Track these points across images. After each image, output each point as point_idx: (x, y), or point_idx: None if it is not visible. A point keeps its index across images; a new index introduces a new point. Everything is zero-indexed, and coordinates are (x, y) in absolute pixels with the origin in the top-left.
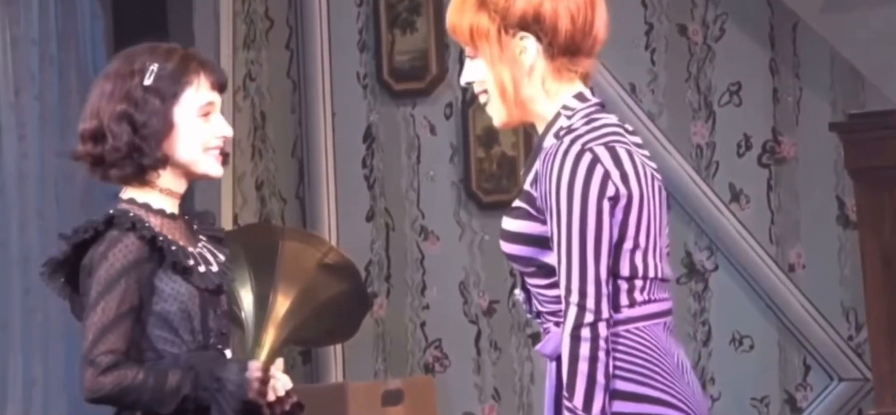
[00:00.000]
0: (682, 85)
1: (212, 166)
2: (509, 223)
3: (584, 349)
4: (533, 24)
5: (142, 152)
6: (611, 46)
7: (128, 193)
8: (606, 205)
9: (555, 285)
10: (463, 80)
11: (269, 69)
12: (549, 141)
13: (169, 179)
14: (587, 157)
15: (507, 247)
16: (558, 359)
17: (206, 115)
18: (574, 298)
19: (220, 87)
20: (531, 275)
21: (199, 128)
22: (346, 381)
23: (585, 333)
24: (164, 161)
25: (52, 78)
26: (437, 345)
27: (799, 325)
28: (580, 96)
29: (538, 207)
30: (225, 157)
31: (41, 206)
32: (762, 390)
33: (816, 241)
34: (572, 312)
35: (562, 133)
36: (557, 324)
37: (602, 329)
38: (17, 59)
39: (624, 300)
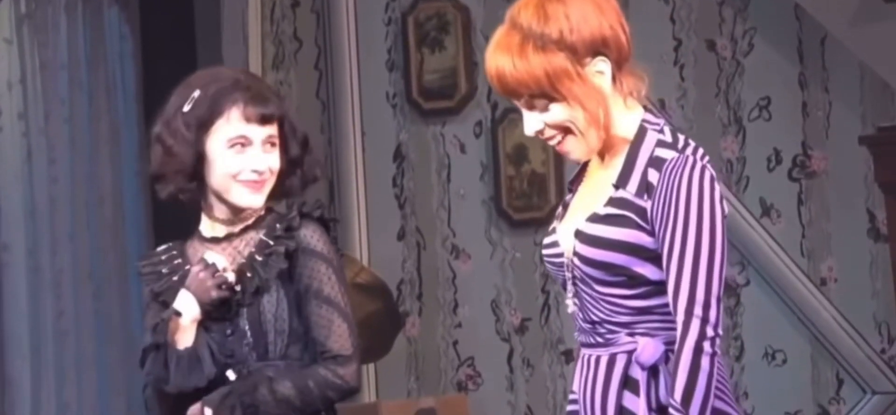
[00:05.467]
0: (712, 100)
1: (241, 196)
2: (604, 230)
3: (706, 363)
4: (601, 46)
5: (166, 177)
6: (639, 62)
7: None
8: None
9: (640, 297)
10: (531, 131)
11: (299, 90)
12: (666, 153)
13: (212, 206)
14: (708, 174)
15: (598, 253)
16: (651, 369)
17: (237, 146)
18: (698, 311)
19: (260, 119)
20: (614, 284)
21: (230, 159)
22: (379, 400)
23: (707, 347)
24: (194, 189)
25: (82, 101)
26: (469, 363)
27: (831, 339)
28: (650, 111)
29: (648, 218)
30: (261, 186)
31: (72, 229)
32: (795, 404)
33: (848, 254)
34: (696, 325)
35: (680, 146)
36: (631, 334)
37: (718, 345)
38: (46, 84)
39: None
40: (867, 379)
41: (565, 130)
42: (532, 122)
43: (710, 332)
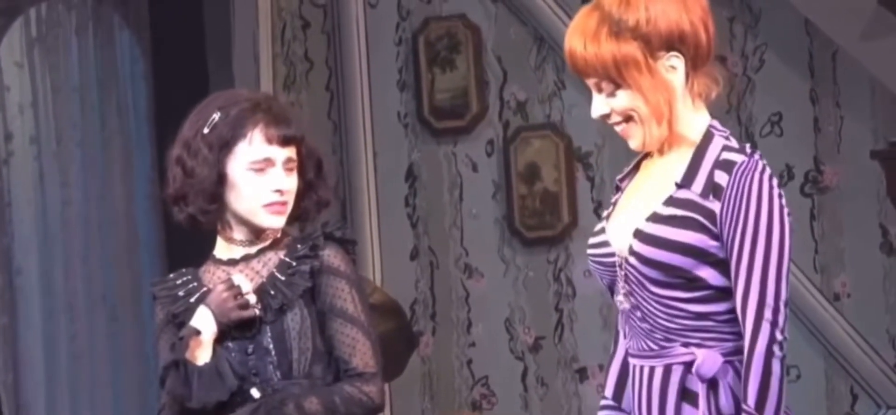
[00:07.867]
0: (723, 116)
1: (266, 219)
2: (667, 231)
3: (777, 367)
4: (678, 41)
5: (187, 200)
6: None
7: None
8: None
9: (699, 301)
10: (597, 114)
11: (310, 111)
12: (734, 156)
13: (230, 228)
14: (775, 179)
15: (659, 254)
16: (710, 381)
17: (259, 169)
18: (768, 314)
19: (281, 140)
20: (672, 286)
21: (252, 181)
22: None
23: (777, 351)
24: (214, 211)
25: (94, 124)
26: (483, 382)
27: (845, 353)
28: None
29: (716, 221)
30: (284, 208)
31: (85, 252)
32: None
33: (861, 269)
34: (766, 329)
35: (748, 149)
36: (686, 344)
37: (786, 349)
38: (58, 107)
39: None
40: (882, 393)
41: (628, 117)
42: (599, 105)
43: (779, 336)
